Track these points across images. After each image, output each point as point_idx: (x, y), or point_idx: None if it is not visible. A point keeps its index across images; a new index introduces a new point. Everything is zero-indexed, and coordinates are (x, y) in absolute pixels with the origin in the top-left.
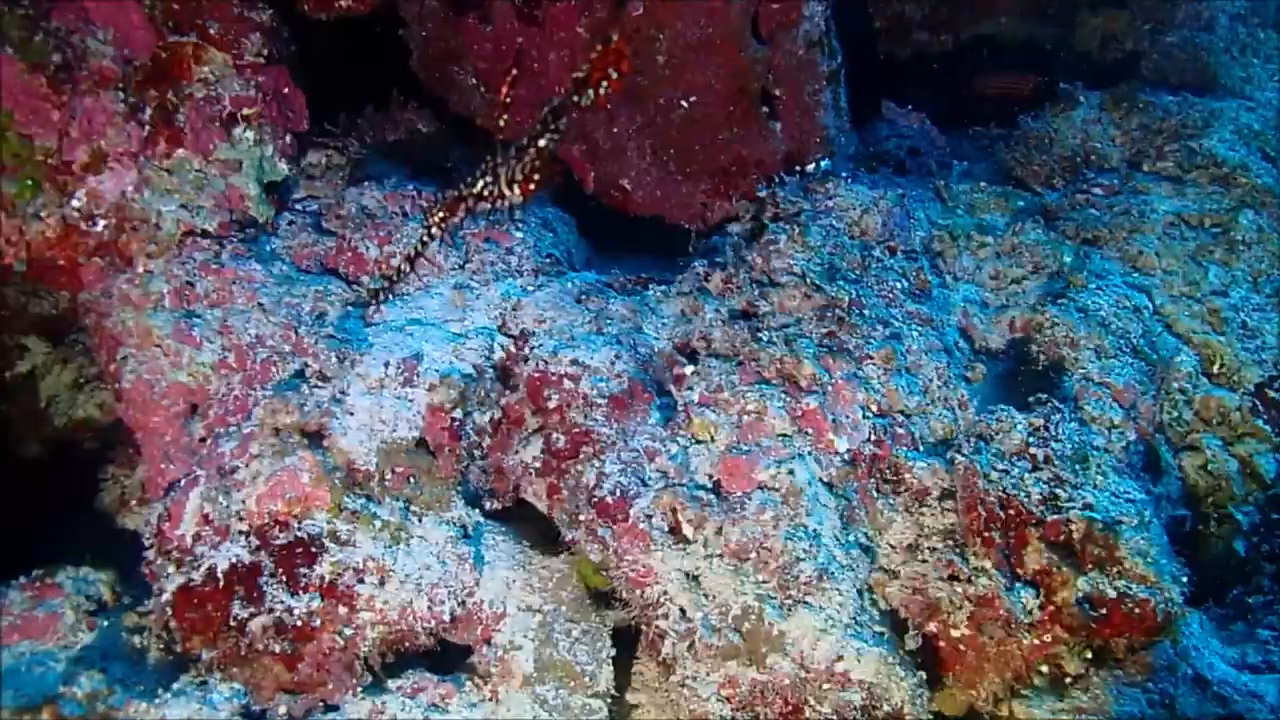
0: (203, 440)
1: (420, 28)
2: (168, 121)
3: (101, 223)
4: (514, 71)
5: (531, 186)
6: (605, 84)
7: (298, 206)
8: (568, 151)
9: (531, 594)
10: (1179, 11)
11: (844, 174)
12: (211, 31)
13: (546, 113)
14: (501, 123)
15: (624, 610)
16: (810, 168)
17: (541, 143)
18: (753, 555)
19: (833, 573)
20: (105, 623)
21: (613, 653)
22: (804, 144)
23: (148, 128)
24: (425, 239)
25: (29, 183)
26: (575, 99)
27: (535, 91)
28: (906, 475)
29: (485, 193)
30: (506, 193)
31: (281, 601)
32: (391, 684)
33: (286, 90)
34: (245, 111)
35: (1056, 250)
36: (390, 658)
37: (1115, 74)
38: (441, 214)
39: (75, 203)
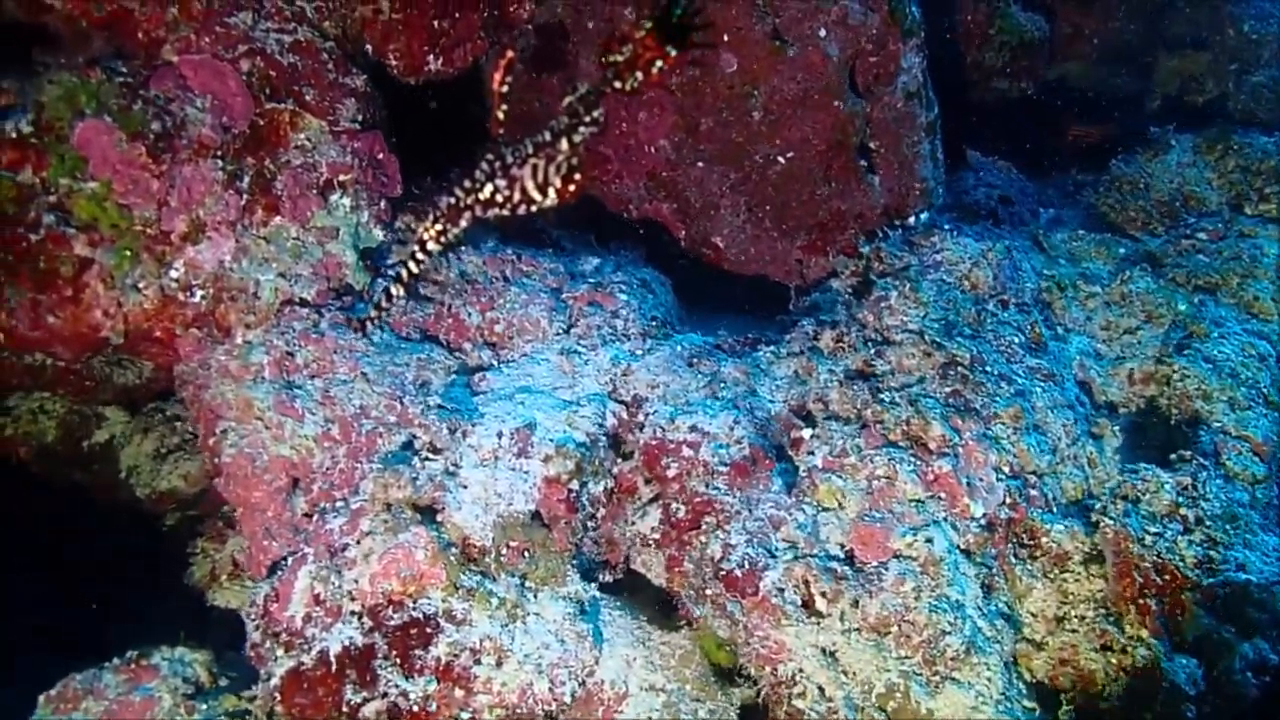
0: (306, 516)
1: None
2: (265, 189)
3: (199, 293)
4: (509, 55)
5: (571, 188)
6: (660, 63)
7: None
8: (658, 210)
9: (654, 672)
10: (1265, 50)
11: (947, 226)
12: (308, 98)
13: (573, 102)
14: (500, 115)
15: (750, 688)
16: (911, 221)
17: (576, 137)
18: (894, 629)
19: (979, 646)
20: (204, 706)
21: None
22: (903, 197)
23: (246, 196)
24: (419, 255)
25: (127, 253)
26: (616, 84)
27: (623, 150)
28: (1044, 539)
29: (498, 198)
30: (537, 197)
31: (396, 685)
32: None
33: (381, 155)
34: (341, 178)
35: (1169, 299)
36: None
37: (1198, 115)
38: (439, 226)
39: (174, 273)
